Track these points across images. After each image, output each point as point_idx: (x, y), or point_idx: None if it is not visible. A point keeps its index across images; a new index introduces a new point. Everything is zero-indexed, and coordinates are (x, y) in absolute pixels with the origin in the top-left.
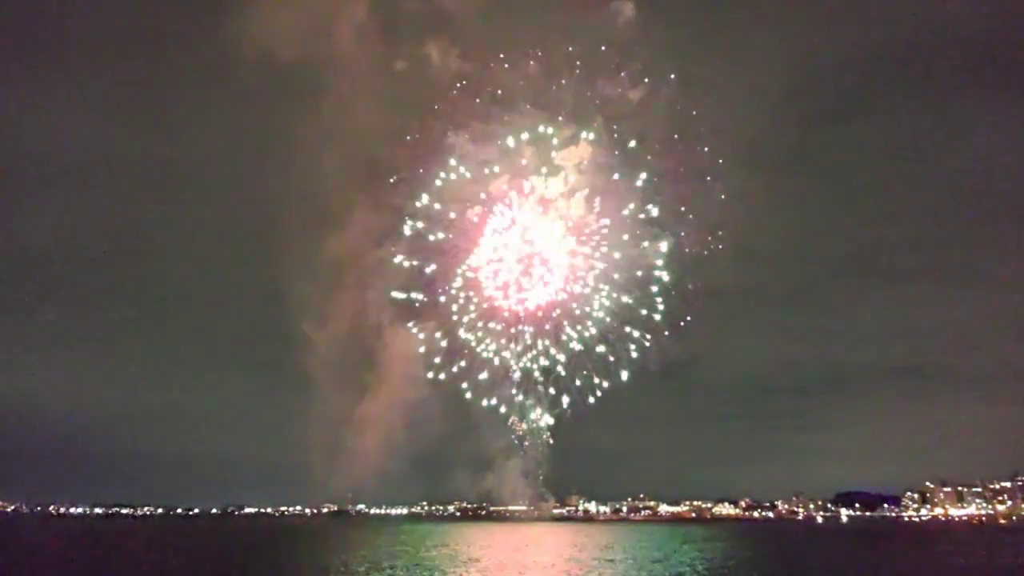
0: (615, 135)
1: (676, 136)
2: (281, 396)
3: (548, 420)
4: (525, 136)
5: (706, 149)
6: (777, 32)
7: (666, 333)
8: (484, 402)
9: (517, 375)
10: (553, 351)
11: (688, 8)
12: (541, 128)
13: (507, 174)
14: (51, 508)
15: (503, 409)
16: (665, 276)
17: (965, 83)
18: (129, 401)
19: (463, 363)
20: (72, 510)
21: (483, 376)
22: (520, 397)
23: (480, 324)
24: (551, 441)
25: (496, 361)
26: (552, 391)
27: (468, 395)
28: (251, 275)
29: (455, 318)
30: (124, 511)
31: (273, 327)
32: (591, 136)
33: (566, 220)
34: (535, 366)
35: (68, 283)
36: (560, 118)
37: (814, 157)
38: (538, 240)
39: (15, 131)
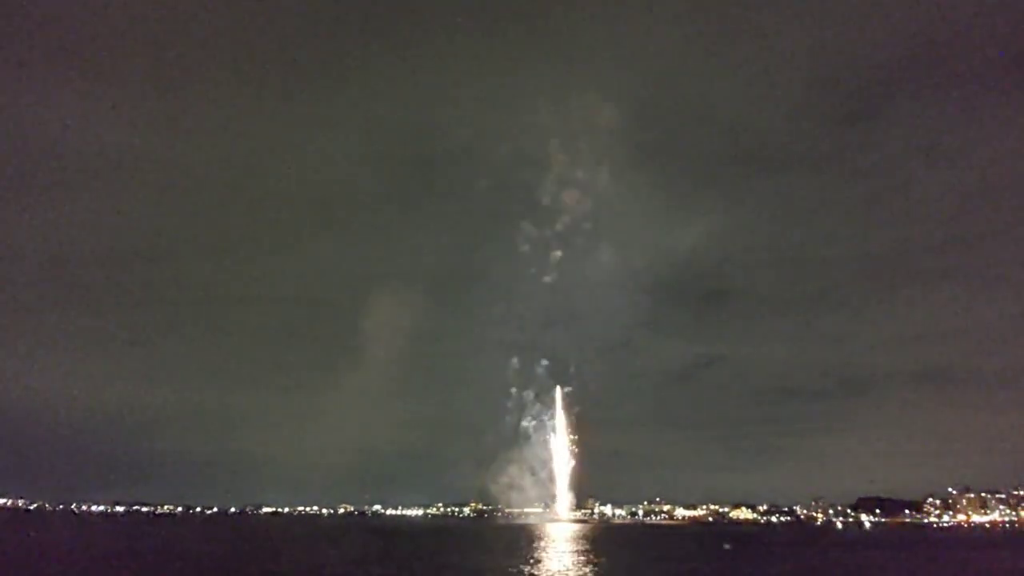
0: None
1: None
2: (299, 397)
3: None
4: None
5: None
6: (799, 32)
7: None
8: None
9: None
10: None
11: (705, 19)
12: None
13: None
14: (73, 506)
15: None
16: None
17: (989, 82)
18: (149, 401)
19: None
20: (94, 508)
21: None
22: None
23: None
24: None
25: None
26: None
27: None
28: (271, 277)
29: None
30: (144, 509)
31: (293, 329)
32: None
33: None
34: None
35: (92, 284)
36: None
37: (837, 158)
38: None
39: (39, 134)
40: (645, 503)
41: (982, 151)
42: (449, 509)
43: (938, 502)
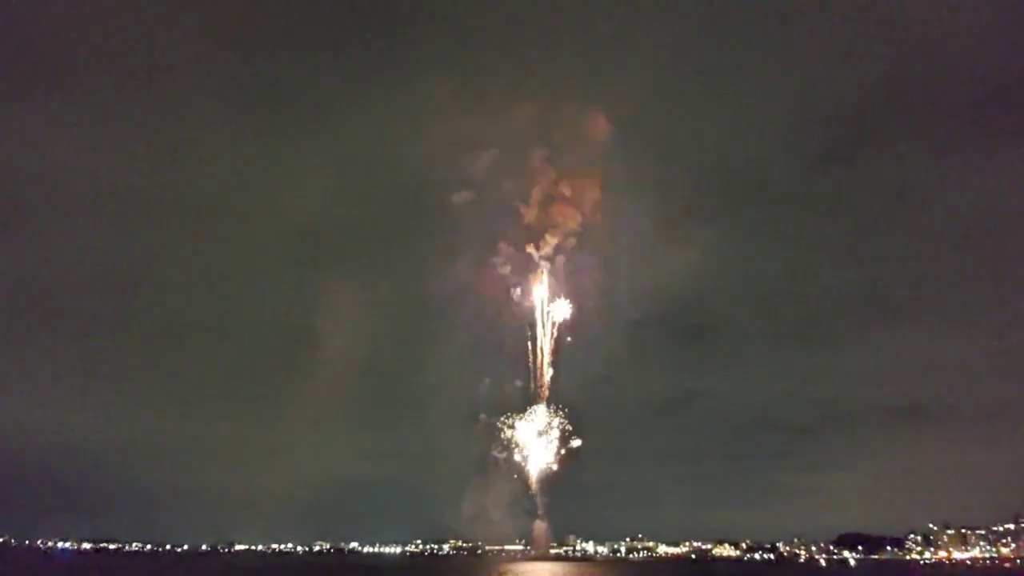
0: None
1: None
2: (269, 429)
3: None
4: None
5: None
6: (780, 73)
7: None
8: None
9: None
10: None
11: (691, 48)
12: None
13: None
14: (39, 542)
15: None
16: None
17: (965, 125)
18: (118, 433)
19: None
20: (60, 544)
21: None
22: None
23: None
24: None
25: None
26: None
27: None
28: (240, 307)
29: None
30: (112, 547)
31: (267, 359)
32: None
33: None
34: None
35: (58, 313)
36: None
37: (816, 196)
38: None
39: (9, 159)
40: (627, 539)
41: (957, 191)
42: (428, 546)
43: (919, 539)
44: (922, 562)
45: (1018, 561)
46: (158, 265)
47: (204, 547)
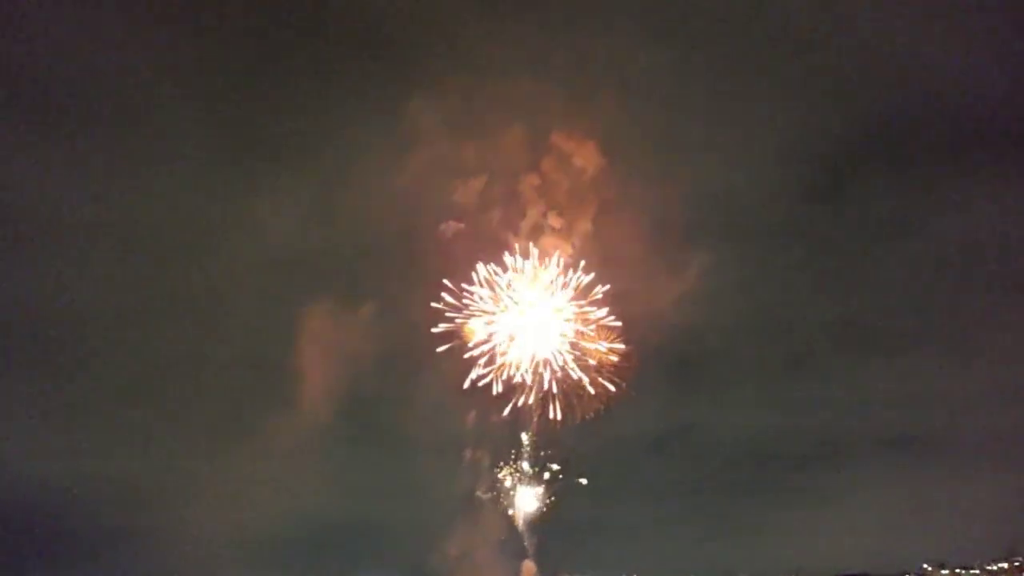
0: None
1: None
2: (253, 467)
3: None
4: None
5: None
6: (773, 105)
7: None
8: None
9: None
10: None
11: (685, 75)
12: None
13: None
14: None
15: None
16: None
17: (950, 156)
18: (95, 473)
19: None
20: None
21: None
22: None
23: None
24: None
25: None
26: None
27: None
28: (224, 338)
29: None
30: None
31: (247, 392)
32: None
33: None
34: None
35: (45, 348)
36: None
37: (805, 229)
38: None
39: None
40: None
41: (945, 221)
42: None
43: None
44: None
45: None
46: (133, 299)
47: None
